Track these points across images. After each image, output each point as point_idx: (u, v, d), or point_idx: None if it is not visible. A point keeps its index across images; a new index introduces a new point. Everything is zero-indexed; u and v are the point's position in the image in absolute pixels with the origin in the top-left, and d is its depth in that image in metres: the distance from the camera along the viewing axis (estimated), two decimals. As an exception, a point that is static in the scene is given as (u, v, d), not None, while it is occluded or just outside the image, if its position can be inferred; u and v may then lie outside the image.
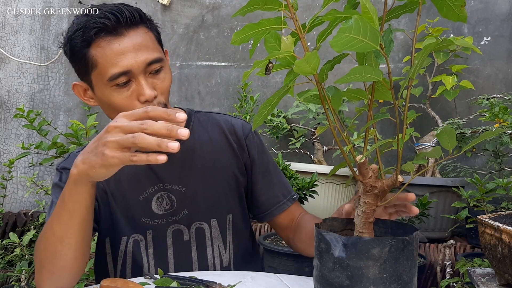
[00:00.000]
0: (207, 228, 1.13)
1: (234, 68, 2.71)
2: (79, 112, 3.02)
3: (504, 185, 1.63)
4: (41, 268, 0.92)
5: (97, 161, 0.76)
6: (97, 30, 0.96)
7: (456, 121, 2.02)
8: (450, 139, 0.64)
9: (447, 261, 1.80)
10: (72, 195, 0.84)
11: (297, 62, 0.56)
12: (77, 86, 1.06)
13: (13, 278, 2.25)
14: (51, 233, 0.88)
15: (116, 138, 0.73)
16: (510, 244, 0.89)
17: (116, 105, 0.98)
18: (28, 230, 2.57)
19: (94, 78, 1.00)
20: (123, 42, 0.96)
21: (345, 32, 0.51)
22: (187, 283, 0.94)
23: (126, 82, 0.97)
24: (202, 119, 1.17)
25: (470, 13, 2.40)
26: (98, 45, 0.96)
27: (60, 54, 3.01)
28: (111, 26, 0.96)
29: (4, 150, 3.09)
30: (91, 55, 0.97)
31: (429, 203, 1.71)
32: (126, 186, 1.08)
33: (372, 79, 0.57)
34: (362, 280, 0.66)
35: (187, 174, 1.10)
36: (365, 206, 0.69)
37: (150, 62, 0.98)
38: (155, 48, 1.01)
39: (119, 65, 0.95)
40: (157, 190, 1.09)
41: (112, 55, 0.96)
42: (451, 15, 0.59)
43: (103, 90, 0.99)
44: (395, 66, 2.43)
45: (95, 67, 0.98)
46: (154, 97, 0.98)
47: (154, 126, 0.70)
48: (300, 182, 1.68)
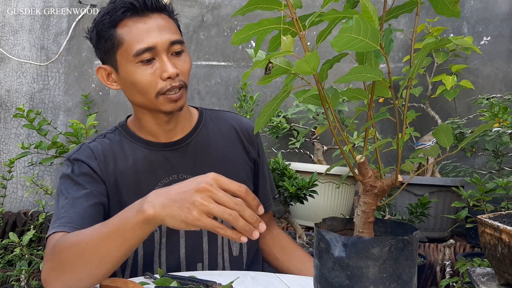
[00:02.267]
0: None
1: (234, 68, 2.71)
2: (79, 112, 3.02)
3: (504, 185, 1.63)
4: (59, 269, 0.89)
5: (180, 216, 0.75)
6: (124, 9, 1.02)
7: (456, 121, 2.02)
8: (446, 136, 0.64)
9: (447, 261, 1.80)
10: (136, 230, 0.81)
11: (297, 62, 0.56)
12: (101, 69, 1.10)
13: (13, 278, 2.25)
14: (91, 249, 0.85)
15: (209, 205, 0.73)
16: (509, 244, 0.89)
17: (140, 82, 1.03)
18: (28, 230, 2.57)
19: (119, 57, 1.04)
20: (148, 22, 1.03)
21: (346, 32, 0.51)
22: (187, 283, 0.94)
23: (150, 60, 1.02)
24: (213, 116, 1.22)
25: (470, 13, 2.40)
26: (124, 24, 1.03)
27: (60, 54, 3.00)
28: (138, 6, 1.02)
29: (4, 150, 3.09)
30: (117, 34, 1.03)
31: (429, 203, 1.71)
32: (142, 176, 1.10)
33: (372, 78, 0.57)
34: (362, 279, 0.65)
35: (200, 165, 1.13)
36: (365, 206, 0.68)
37: (173, 41, 1.04)
38: (177, 32, 1.08)
39: (144, 42, 1.01)
40: (172, 180, 1.12)
41: (138, 33, 1.02)
42: (445, 11, 0.60)
43: (128, 68, 1.03)
44: (395, 66, 2.43)
45: (121, 44, 1.03)
46: (176, 75, 1.03)
47: (245, 212, 0.71)
48: (300, 182, 1.68)
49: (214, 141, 1.17)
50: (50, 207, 2.76)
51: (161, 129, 1.12)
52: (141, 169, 1.10)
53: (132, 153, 1.11)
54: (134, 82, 1.03)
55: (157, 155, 1.11)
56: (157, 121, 1.10)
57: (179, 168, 1.12)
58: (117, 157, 1.10)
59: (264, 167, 1.26)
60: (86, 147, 1.10)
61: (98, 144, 1.11)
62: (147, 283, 0.94)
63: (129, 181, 1.09)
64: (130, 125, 1.15)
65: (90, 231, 0.88)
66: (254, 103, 2.37)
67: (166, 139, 1.13)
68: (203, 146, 1.15)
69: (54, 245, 0.91)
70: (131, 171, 1.10)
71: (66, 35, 2.99)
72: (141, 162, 1.10)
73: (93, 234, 0.87)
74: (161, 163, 1.11)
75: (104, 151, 1.10)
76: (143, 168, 1.10)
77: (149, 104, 1.06)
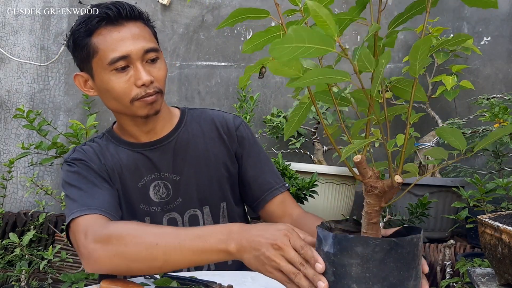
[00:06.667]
0: (200, 215, 1.19)
1: (234, 68, 2.71)
2: (79, 112, 3.02)
3: (504, 185, 1.63)
4: (114, 253, 0.90)
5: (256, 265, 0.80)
6: (99, 19, 1.05)
7: (456, 121, 2.02)
8: (458, 140, 0.64)
9: (447, 261, 1.80)
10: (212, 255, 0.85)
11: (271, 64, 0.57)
12: (78, 76, 1.13)
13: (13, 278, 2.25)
14: (160, 252, 0.88)
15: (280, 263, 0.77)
16: (510, 244, 0.89)
17: (115, 89, 1.05)
18: (28, 230, 2.57)
19: (95, 65, 1.07)
20: (122, 31, 1.05)
21: (285, 43, 0.50)
22: (187, 283, 0.94)
23: (124, 68, 1.05)
24: (195, 115, 1.24)
25: (470, 13, 2.40)
26: (99, 33, 1.05)
27: (60, 54, 3.00)
28: (113, 16, 1.05)
29: (4, 150, 3.09)
30: (92, 43, 1.06)
31: (429, 203, 1.71)
32: (126, 173, 1.15)
33: (336, 80, 0.56)
34: (345, 277, 0.66)
35: (180, 164, 1.17)
36: (367, 206, 0.69)
37: (147, 49, 1.06)
38: (151, 40, 1.10)
39: (118, 50, 1.04)
40: (154, 178, 1.16)
41: (112, 42, 1.04)
42: (480, 3, 0.58)
43: (103, 76, 1.06)
44: (395, 66, 2.43)
45: (96, 53, 1.05)
46: (151, 82, 1.05)
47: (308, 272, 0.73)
48: (300, 182, 1.68)
49: (194, 139, 1.19)
50: (50, 208, 2.76)
51: (139, 131, 1.16)
52: (125, 169, 1.15)
53: (117, 154, 1.15)
54: (109, 90, 1.06)
55: (139, 155, 1.16)
56: (135, 123, 1.14)
57: (160, 166, 1.16)
58: (105, 158, 1.15)
59: (260, 156, 1.25)
60: (79, 149, 1.15)
61: (88, 147, 1.16)
62: (147, 284, 0.94)
63: (115, 178, 1.13)
64: (116, 130, 1.20)
65: (161, 234, 0.90)
66: (254, 103, 2.37)
67: (147, 139, 1.17)
68: (182, 144, 1.18)
69: (107, 229, 0.93)
70: (118, 170, 1.14)
71: (66, 35, 3.00)
72: (124, 162, 1.14)
73: (159, 240, 0.89)
74: (143, 162, 1.15)
75: (95, 152, 1.15)
76: (127, 168, 1.15)
77: (125, 109, 1.10)
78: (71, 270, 2.22)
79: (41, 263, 2.05)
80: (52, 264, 2.29)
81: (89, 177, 1.09)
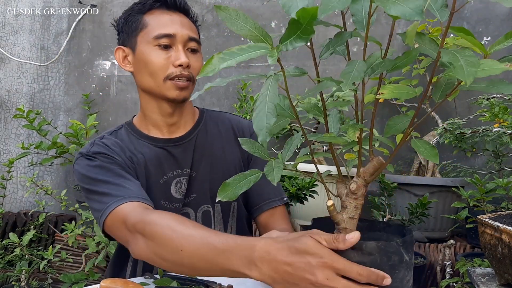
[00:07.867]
0: (212, 211, 1.21)
1: (234, 68, 2.71)
2: (79, 112, 3.02)
3: (504, 185, 1.63)
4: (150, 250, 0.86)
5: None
6: (155, 1, 1.13)
7: (456, 121, 2.02)
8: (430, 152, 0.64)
9: (447, 261, 1.80)
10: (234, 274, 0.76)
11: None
12: (119, 50, 1.17)
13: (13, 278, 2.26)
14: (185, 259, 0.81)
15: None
16: (510, 244, 0.89)
17: (153, 63, 1.09)
18: (28, 230, 2.57)
19: (140, 38, 1.12)
20: (173, 17, 1.13)
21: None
22: (187, 283, 0.94)
23: (167, 46, 1.10)
24: (213, 116, 1.28)
25: (470, 13, 2.40)
26: (152, 13, 1.13)
27: (60, 54, 3.00)
28: (169, 2, 1.13)
29: (4, 150, 3.09)
30: (143, 19, 1.13)
31: (429, 203, 1.71)
32: (150, 169, 1.15)
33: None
34: None
35: (198, 160, 1.19)
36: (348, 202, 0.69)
37: (191, 37, 1.12)
38: (197, 34, 1.17)
39: (166, 28, 1.10)
40: (176, 175, 1.17)
41: (162, 20, 1.11)
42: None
43: (145, 49, 1.11)
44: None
45: (145, 27, 1.12)
46: (187, 66, 1.10)
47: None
48: (300, 182, 1.68)
49: (212, 137, 1.22)
50: (50, 208, 2.76)
51: (163, 121, 1.16)
52: (149, 163, 1.15)
53: (140, 148, 1.15)
54: (147, 63, 1.10)
55: (162, 151, 1.16)
56: (161, 111, 1.15)
57: (182, 163, 1.17)
58: (130, 151, 1.14)
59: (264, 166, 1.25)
60: (99, 142, 1.13)
61: (109, 140, 1.15)
62: (147, 283, 0.94)
63: (141, 172, 1.13)
64: (136, 123, 1.20)
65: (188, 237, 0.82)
66: (254, 103, 2.37)
67: (169, 134, 1.17)
68: (202, 142, 1.20)
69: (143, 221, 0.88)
70: (142, 164, 1.14)
71: (66, 35, 2.99)
72: (148, 156, 1.15)
73: (191, 248, 0.81)
74: (166, 158, 1.16)
75: (116, 144, 1.14)
76: (151, 162, 1.15)
77: (155, 88, 1.11)
78: (71, 270, 2.22)
79: (41, 263, 2.05)
80: (52, 264, 2.30)
81: (114, 169, 1.07)
